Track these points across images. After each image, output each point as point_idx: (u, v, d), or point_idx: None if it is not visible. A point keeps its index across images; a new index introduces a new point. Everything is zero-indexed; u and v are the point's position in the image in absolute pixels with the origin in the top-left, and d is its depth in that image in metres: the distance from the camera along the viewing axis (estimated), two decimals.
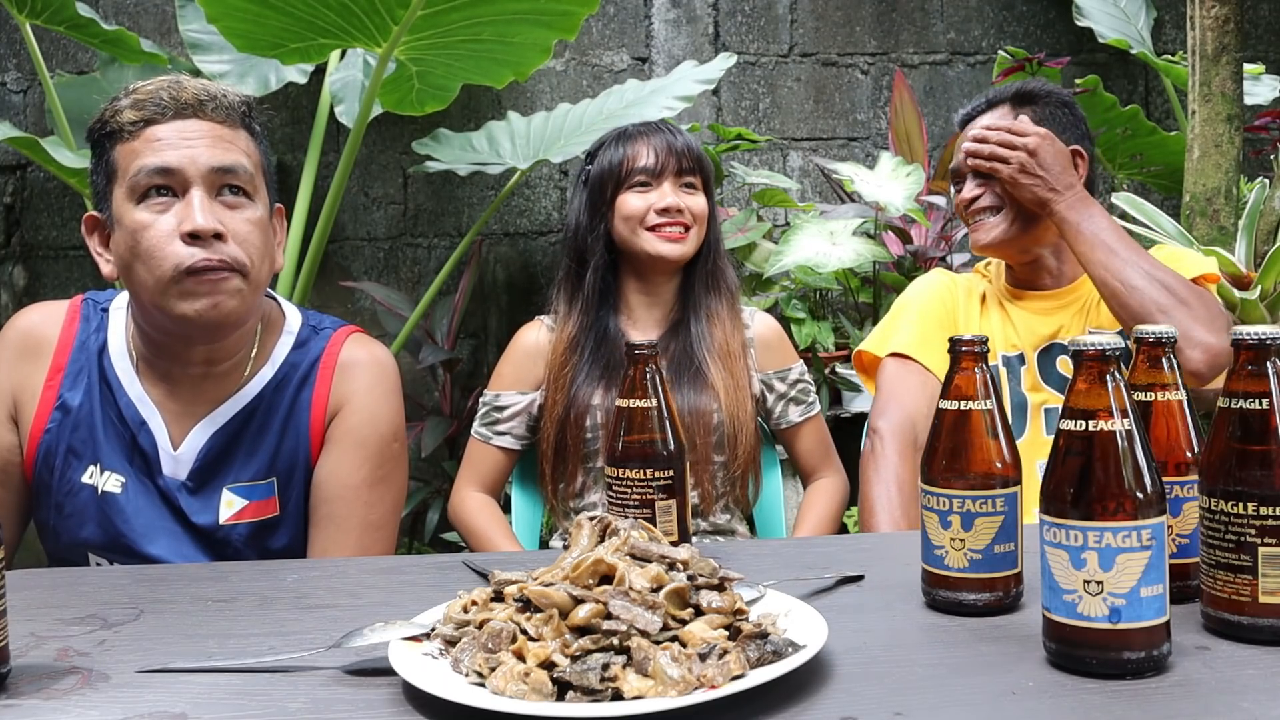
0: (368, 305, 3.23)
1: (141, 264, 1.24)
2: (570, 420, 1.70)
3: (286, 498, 1.35)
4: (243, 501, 1.33)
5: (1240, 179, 2.54)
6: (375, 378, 1.37)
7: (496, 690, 0.78)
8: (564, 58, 3.28)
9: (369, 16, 2.26)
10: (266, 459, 1.35)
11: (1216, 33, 2.46)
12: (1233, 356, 0.90)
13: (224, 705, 0.82)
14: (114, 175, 1.27)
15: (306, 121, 3.16)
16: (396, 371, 1.42)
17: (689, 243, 1.73)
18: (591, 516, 0.96)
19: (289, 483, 1.35)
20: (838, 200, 3.14)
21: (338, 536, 1.35)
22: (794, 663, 0.80)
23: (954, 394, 1.01)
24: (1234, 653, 0.87)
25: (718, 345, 1.72)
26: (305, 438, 1.34)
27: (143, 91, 1.28)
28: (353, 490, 1.34)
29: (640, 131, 1.77)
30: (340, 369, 1.36)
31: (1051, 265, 1.70)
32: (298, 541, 1.38)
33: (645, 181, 1.73)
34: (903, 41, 3.39)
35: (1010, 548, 0.98)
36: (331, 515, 1.35)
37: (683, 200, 1.72)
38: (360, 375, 1.37)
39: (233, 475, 1.34)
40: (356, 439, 1.35)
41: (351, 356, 1.37)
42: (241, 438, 1.35)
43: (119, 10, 3.18)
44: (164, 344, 1.33)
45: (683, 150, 1.74)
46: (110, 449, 1.34)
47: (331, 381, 1.36)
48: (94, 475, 1.35)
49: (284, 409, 1.35)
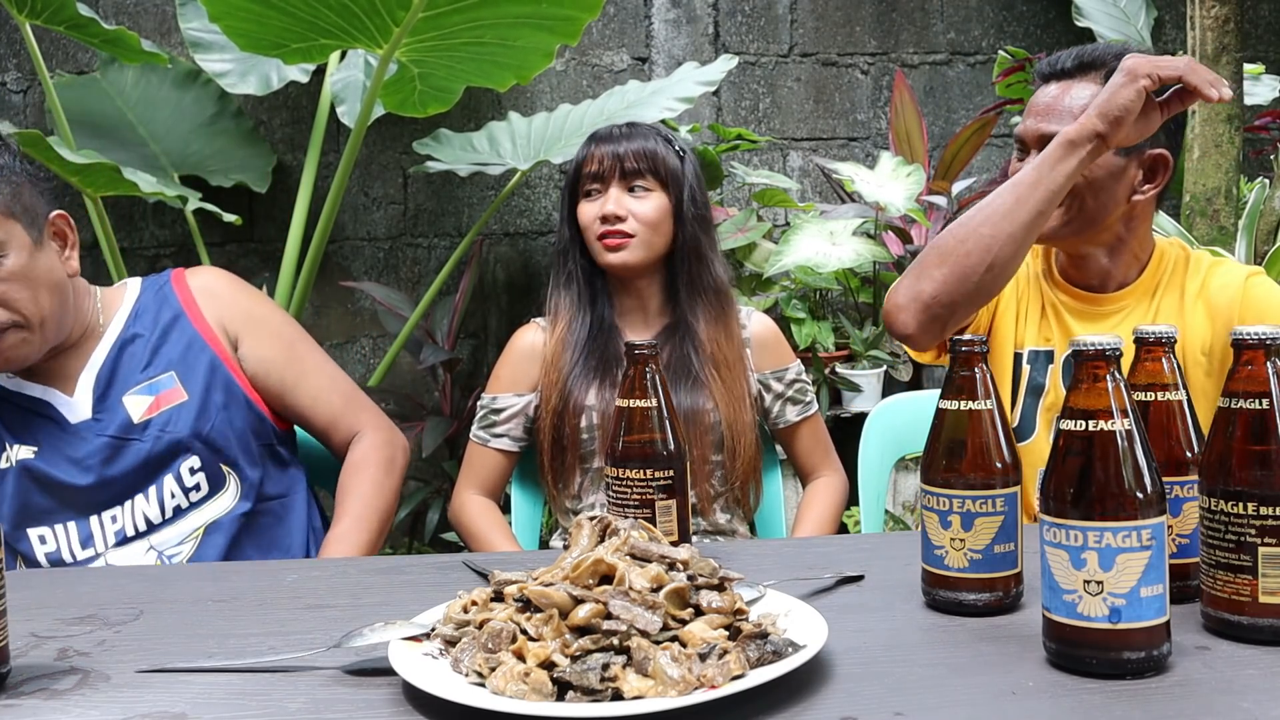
0: (368, 305, 3.23)
1: None
2: (566, 420, 1.70)
3: (189, 383, 1.52)
4: (149, 398, 1.50)
5: (1240, 179, 2.54)
6: (230, 283, 1.62)
7: (496, 690, 0.78)
8: (564, 58, 3.28)
9: (370, 18, 2.26)
10: (157, 362, 1.52)
11: (1216, 33, 2.46)
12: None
13: (224, 705, 0.82)
14: None
15: (307, 122, 3.16)
16: (235, 275, 1.66)
17: (633, 250, 1.70)
18: (591, 516, 0.96)
19: (189, 370, 1.52)
20: (838, 200, 3.14)
21: (315, 380, 1.60)
22: (794, 663, 0.80)
23: (954, 394, 1.01)
24: (1234, 653, 0.87)
25: (707, 348, 1.71)
26: (197, 338, 1.54)
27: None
28: (290, 350, 1.60)
29: (599, 136, 1.75)
30: (200, 293, 1.58)
31: (1103, 264, 1.51)
32: (214, 421, 1.51)
33: (594, 189, 1.73)
34: (903, 41, 3.39)
35: (1010, 548, 0.98)
36: (297, 374, 1.59)
37: (626, 205, 1.70)
38: (220, 287, 1.60)
39: (129, 385, 1.51)
40: (258, 323, 1.59)
41: (203, 283, 1.60)
42: (124, 361, 1.52)
43: (119, 10, 3.18)
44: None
45: (627, 153, 1.71)
46: (14, 429, 1.48)
47: (200, 306, 1.56)
48: (7, 457, 1.48)
49: (159, 325, 1.54)
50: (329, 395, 1.60)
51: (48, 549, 1.46)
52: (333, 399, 1.60)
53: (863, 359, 2.84)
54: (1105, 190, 1.42)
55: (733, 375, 1.72)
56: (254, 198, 3.15)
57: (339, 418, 1.61)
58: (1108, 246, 1.50)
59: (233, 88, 2.91)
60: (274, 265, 3.11)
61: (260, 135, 3.17)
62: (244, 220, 3.10)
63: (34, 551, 1.47)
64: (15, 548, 1.48)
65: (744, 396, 1.72)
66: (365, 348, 3.30)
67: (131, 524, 1.47)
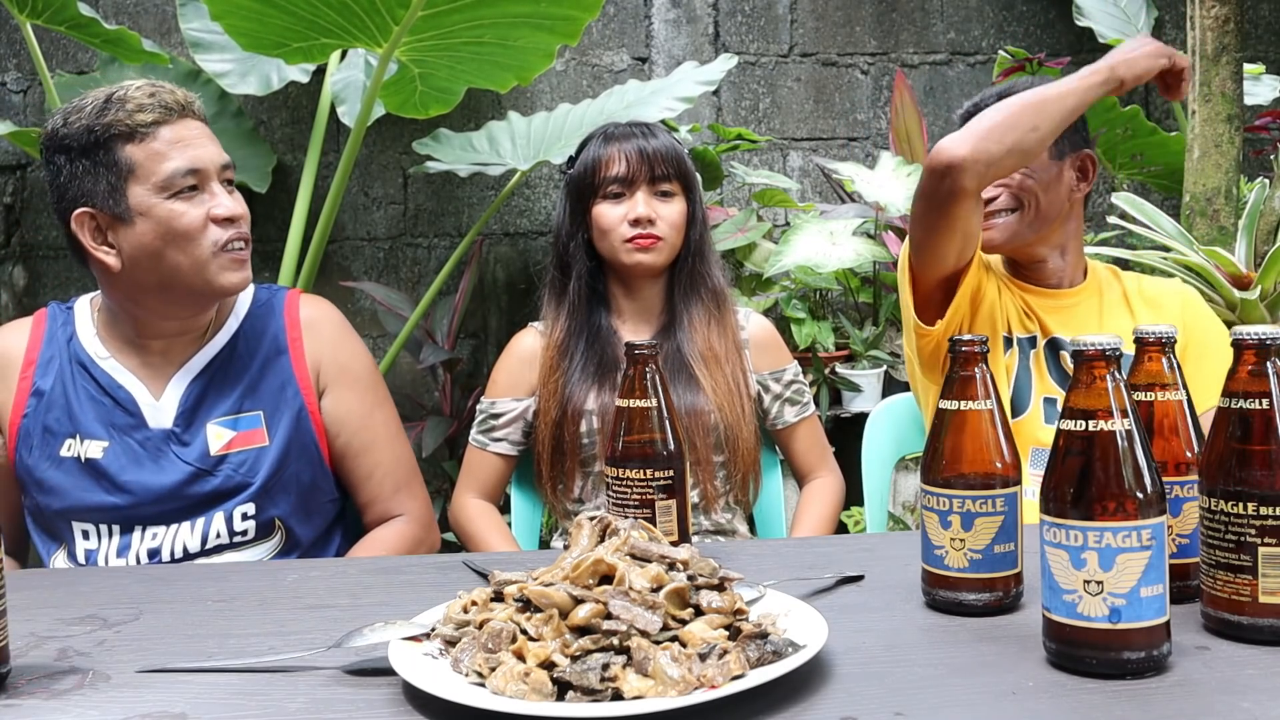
0: (368, 305, 3.24)
1: (176, 248, 1.39)
2: (565, 425, 1.69)
3: (274, 429, 1.48)
4: (230, 433, 1.47)
5: (1240, 179, 2.54)
6: (338, 327, 1.59)
7: (496, 690, 0.78)
8: (564, 58, 3.28)
9: (370, 16, 2.27)
10: (249, 395, 1.49)
11: (1216, 33, 2.46)
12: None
13: (224, 705, 0.82)
14: (129, 173, 1.38)
15: (307, 121, 3.17)
16: (343, 315, 1.63)
17: (661, 251, 1.71)
18: (591, 516, 0.96)
19: (275, 415, 1.49)
20: (838, 200, 3.14)
21: (378, 455, 1.55)
22: (794, 663, 0.80)
23: (954, 394, 1.01)
24: (1234, 653, 0.87)
25: (700, 349, 1.72)
26: (292, 381, 1.51)
27: (139, 94, 1.40)
28: (368, 415, 1.55)
29: (616, 135, 1.74)
30: (307, 327, 1.55)
31: (1058, 264, 1.71)
32: (285, 474, 1.48)
33: (618, 191, 1.71)
34: (903, 41, 3.39)
35: (1010, 548, 0.98)
36: (366, 441, 1.55)
37: (655, 209, 1.70)
38: (326, 328, 1.57)
39: (215, 412, 1.48)
40: (350, 378, 1.55)
41: (312, 315, 1.56)
42: (219, 380, 1.49)
43: (119, 10, 3.18)
44: (142, 318, 1.47)
45: (656, 156, 1.71)
46: (88, 419, 1.45)
47: (303, 339, 1.53)
48: (73, 447, 1.45)
49: (260, 353, 1.51)
50: (383, 475, 1.55)
51: (89, 545, 1.44)
52: (385, 481, 1.55)
53: (863, 359, 2.84)
54: (1053, 189, 1.65)
55: (730, 374, 1.72)
56: (254, 198, 3.15)
57: (382, 500, 1.56)
58: (1059, 247, 1.71)
59: (233, 88, 2.91)
60: (274, 265, 3.11)
61: (260, 135, 3.17)
62: None
63: (75, 544, 1.44)
64: (56, 533, 1.46)
65: (743, 395, 1.72)
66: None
67: (169, 548, 1.43)
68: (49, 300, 1.70)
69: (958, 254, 1.59)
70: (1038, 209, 1.64)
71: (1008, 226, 1.66)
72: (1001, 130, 1.50)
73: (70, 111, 1.40)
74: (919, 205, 1.57)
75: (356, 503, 1.58)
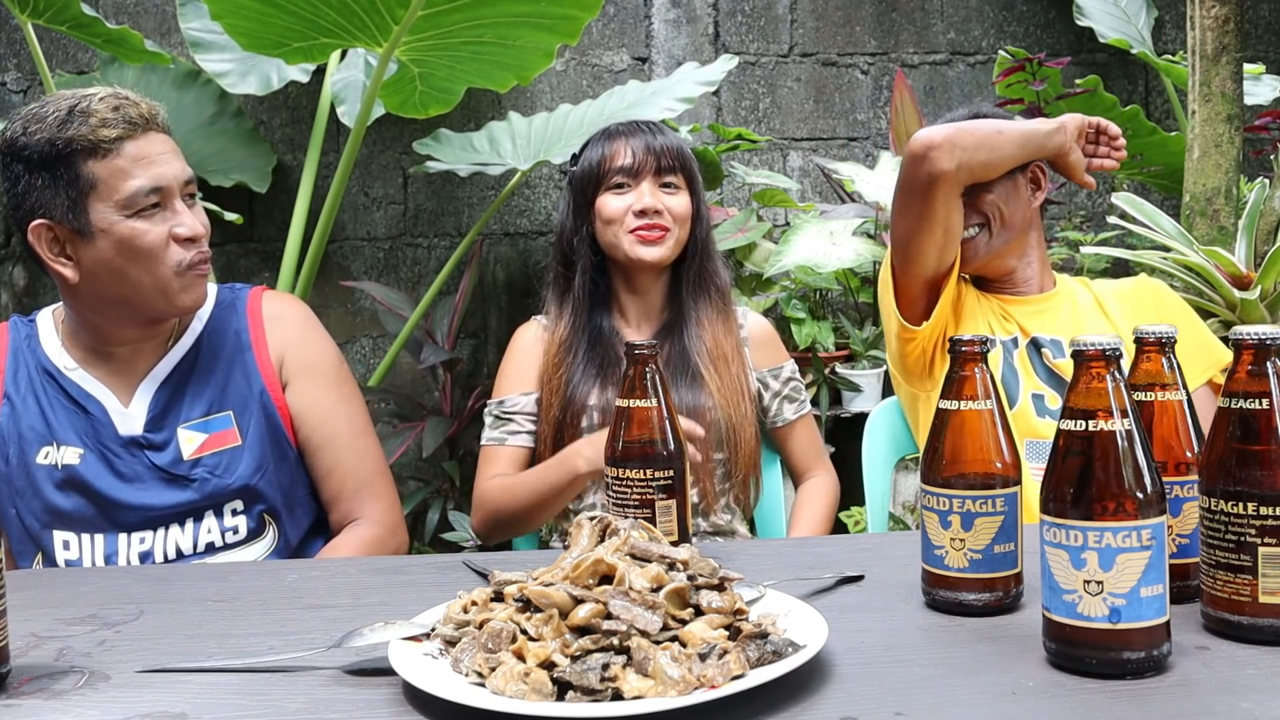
0: (368, 305, 3.24)
1: (138, 265, 1.39)
2: (566, 422, 1.69)
3: (245, 427, 1.48)
4: (201, 435, 1.46)
5: (1240, 179, 2.54)
6: (303, 322, 1.57)
7: (496, 690, 0.78)
8: (564, 58, 3.28)
9: (370, 16, 2.27)
10: (216, 396, 1.48)
11: (1216, 33, 2.46)
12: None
13: (224, 705, 0.82)
14: (91, 190, 1.36)
15: (307, 121, 3.17)
16: (310, 310, 1.62)
17: (667, 245, 1.70)
18: (591, 516, 0.96)
19: (245, 413, 1.48)
20: (838, 200, 3.14)
21: (338, 452, 1.53)
22: (794, 663, 0.80)
23: (954, 394, 1.01)
24: (1234, 653, 0.87)
25: (709, 347, 1.71)
26: (257, 376, 1.50)
27: (103, 107, 1.36)
28: (332, 409, 1.53)
29: (621, 131, 1.74)
30: (270, 322, 1.54)
31: (1028, 273, 1.78)
32: (264, 471, 1.47)
33: (623, 182, 1.70)
34: (903, 41, 3.39)
35: (1010, 548, 0.98)
36: (326, 436, 1.53)
37: (661, 201, 1.70)
38: (290, 324, 1.55)
39: (185, 416, 1.47)
40: (314, 373, 1.54)
41: (275, 311, 1.56)
42: (186, 384, 1.49)
43: (119, 10, 3.18)
44: (104, 328, 1.46)
45: (662, 149, 1.71)
46: (62, 426, 1.45)
47: (266, 335, 1.53)
48: (50, 455, 1.44)
49: (225, 354, 1.51)
50: (345, 473, 1.52)
51: (70, 555, 1.43)
52: (346, 479, 1.52)
53: (863, 359, 2.84)
54: (1014, 200, 1.73)
55: (732, 372, 1.72)
56: (254, 197, 3.15)
57: (345, 499, 1.53)
58: (1026, 255, 1.79)
59: (233, 88, 2.92)
60: (274, 265, 3.11)
61: (260, 135, 3.17)
62: (244, 220, 3.10)
63: (55, 554, 1.43)
64: (39, 544, 1.45)
65: (744, 392, 1.72)
66: (365, 348, 3.30)
67: (161, 551, 1.42)
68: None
69: (939, 252, 1.63)
70: (1003, 220, 1.72)
71: (979, 242, 1.73)
72: (973, 128, 1.62)
73: (31, 120, 1.36)
74: (900, 197, 1.63)
75: (322, 501, 1.55)
